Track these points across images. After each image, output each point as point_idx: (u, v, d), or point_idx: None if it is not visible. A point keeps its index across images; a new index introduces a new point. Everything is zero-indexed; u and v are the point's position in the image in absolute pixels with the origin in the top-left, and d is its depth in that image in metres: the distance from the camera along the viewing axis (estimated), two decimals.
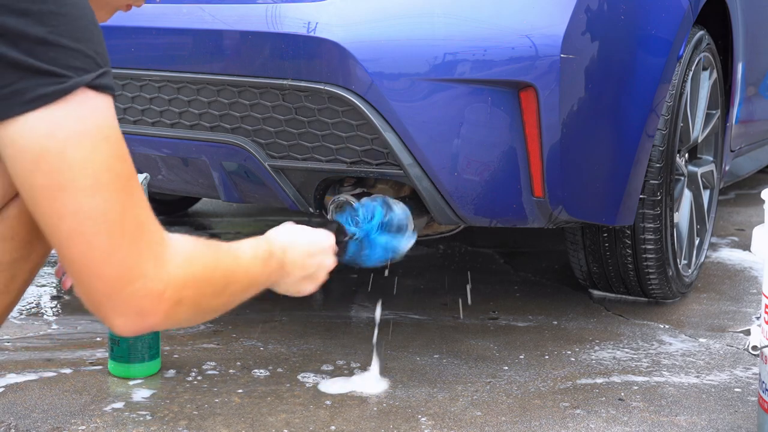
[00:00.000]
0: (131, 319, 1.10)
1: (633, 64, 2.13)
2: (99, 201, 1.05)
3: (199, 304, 1.17)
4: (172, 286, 1.11)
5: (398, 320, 2.38)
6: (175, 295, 1.11)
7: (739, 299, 2.62)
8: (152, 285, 1.09)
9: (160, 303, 1.10)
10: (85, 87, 1.04)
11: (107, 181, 1.05)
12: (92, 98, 1.05)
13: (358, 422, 1.77)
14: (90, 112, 1.04)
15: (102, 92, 1.06)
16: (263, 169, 2.00)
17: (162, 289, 1.10)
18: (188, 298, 1.14)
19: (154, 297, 1.09)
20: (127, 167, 1.08)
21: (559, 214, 2.01)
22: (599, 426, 1.78)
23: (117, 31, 2.05)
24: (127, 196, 1.07)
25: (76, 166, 1.03)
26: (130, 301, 1.08)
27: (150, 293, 1.09)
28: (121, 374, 1.96)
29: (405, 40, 1.88)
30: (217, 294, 1.20)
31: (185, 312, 1.15)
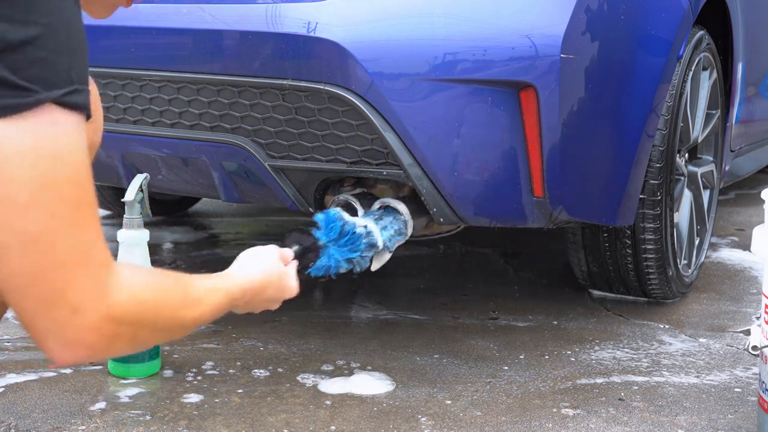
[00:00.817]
0: (63, 347, 1.03)
1: (633, 64, 2.13)
2: (33, 221, 0.98)
3: (137, 339, 1.10)
4: (110, 321, 1.04)
5: (398, 320, 2.38)
6: (111, 330, 1.05)
7: (739, 299, 2.62)
8: (89, 316, 1.02)
9: (96, 336, 1.03)
10: (52, 103, 0.99)
11: (47, 202, 0.99)
12: (55, 115, 0.99)
13: (358, 422, 1.77)
14: (47, 129, 0.99)
15: (69, 109, 1.01)
16: (263, 169, 2.00)
17: (98, 323, 1.03)
18: (125, 335, 1.07)
19: (90, 329, 1.03)
20: (78, 192, 1.02)
21: (559, 214, 2.01)
22: (599, 426, 1.78)
23: (117, 31, 2.05)
24: (69, 221, 1.00)
25: (15, 181, 0.97)
26: (60, 330, 1.02)
27: (86, 324, 1.02)
28: (121, 374, 1.96)
29: (405, 40, 1.88)
30: (157, 331, 1.15)
31: (120, 346, 1.09)
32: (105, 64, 2.08)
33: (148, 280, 1.13)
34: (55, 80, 1.00)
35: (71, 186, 1.01)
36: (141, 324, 1.09)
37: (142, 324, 1.10)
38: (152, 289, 1.12)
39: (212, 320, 1.28)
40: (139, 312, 1.08)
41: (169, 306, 1.15)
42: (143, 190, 1.95)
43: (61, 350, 1.04)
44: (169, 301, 1.15)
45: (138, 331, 1.09)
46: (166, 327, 1.16)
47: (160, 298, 1.13)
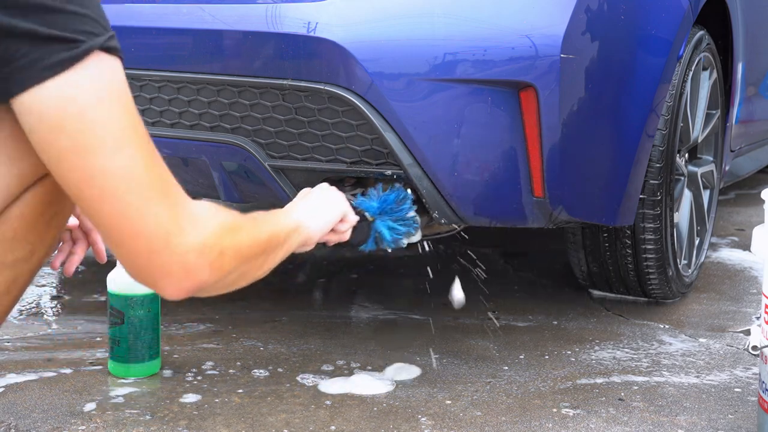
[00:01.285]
0: (179, 277, 1.10)
1: (633, 64, 2.13)
2: (125, 158, 1.06)
3: (242, 253, 1.17)
4: (210, 235, 1.11)
5: (398, 320, 2.38)
6: (216, 244, 1.12)
7: (739, 299, 2.62)
8: (191, 238, 1.09)
9: (203, 255, 1.11)
10: (98, 50, 1.05)
11: (129, 138, 1.07)
12: (105, 60, 1.06)
13: (358, 422, 1.77)
14: (105, 74, 1.06)
15: (113, 54, 1.08)
16: (263, 169, 2.00)
17: (202, 240, 1.10)
18: (229, 247, 1.14)
19: (197, 249, 1.10)
20: (143, 126, 1.10)
21: (559, 214, 2.01)
22: (599, 426, 1.78)
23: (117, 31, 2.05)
24: (149, 153, 1.09)
25: (98, 127, 1.05)
26: (173, 258, 1.09)
27: (192, 247, 1.09)
28: (121, 374, 1.96)
29: (405, 40, 1.88)
30: (255, 243, 1.22)
31: (230, 263, 1.15)
32: None
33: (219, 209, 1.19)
34: (94, 29, 1.06)
35: (139, 125, 1.09)
36: (236, 232, 1.17)
37: (238, 232, 1.17)
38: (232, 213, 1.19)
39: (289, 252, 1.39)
40: (228, 221, 1.16)
41: (251, 218, 1.24)
42: None
43: (180, 280, 1.10)
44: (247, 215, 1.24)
45: (237, 241, 1.17)
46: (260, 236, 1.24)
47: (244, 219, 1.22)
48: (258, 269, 1.26)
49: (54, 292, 2.57)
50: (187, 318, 2.34)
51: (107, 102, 1.06)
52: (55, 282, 2.65)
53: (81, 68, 1.04)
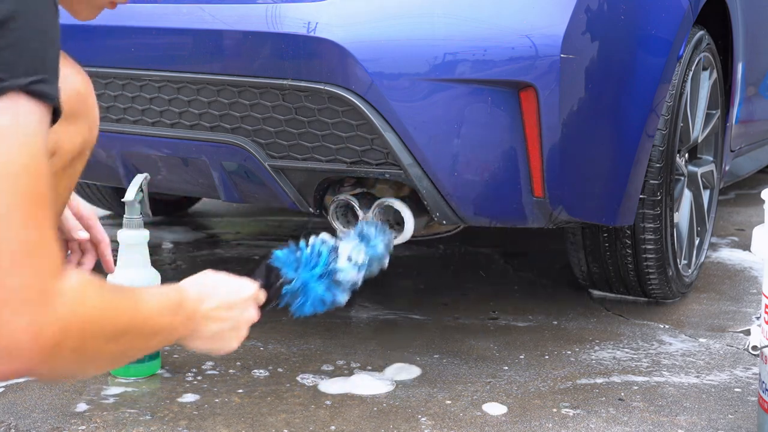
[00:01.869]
0: None
1: (633, 64, 2.13)
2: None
3: (85, 350, 1.01)
4: (51, 326, 0.95)
5: (398, 320, 2.38)
6: (52, 338, 0.96)
7: (739, 299, 2.62)
8: (26, 320, 0.94)
9: (33, 343, 0.94)
10: (17, 90, 0.96)
11: (5, 188, 0.93)
12: (20, 103, 0.96)
13: (358, 422, 1.77)
14: (9, 116, 0.95)
15: (35, 99, 0.97)
16: (263, 169, 2.00)
17: (38, 328, 0.94)
18: (69, 345, 0.98)
19: (27, 334, 0.94)
20: (32, 184, 0.95)
21: (559, 214, 2.01)
22: (599, 426, 1.78)
23: (117, 31, 2.05)
24: (20, 214, 0.94)
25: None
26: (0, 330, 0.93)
27: (21, 328, 0.93)
28: (121, 374, 1.96)
29: (405, 40, 1.88)
30: (107, 341, 1.05)
31: (67, 358, 0.99)
32: (105, 64, 2.08)
33: (94, 282, 1.04)
34: (22, 68, 0.96)
35: (28, 178, 0.95)
36: (88, 329, 1.01)
37: (89, 329, 1.01)
38: (98, 291, 1.04)
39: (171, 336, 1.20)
40: (85, 315, 1.00)
41: (118, 310, 1.08)
42: (143, 190, 1.95)
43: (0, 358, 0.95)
44: (118, 304, 1.08)
45: (84, 338, 1.01)
46: (116, 334, 1.07)
47: (107, 299, 1.06)
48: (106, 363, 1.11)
49: None
50: None
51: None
52: None
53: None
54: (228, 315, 1.32)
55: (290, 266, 1.53)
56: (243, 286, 1.37)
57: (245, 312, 1.37)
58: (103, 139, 2.02)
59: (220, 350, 1.35)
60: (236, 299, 1.34)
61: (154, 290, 1.20)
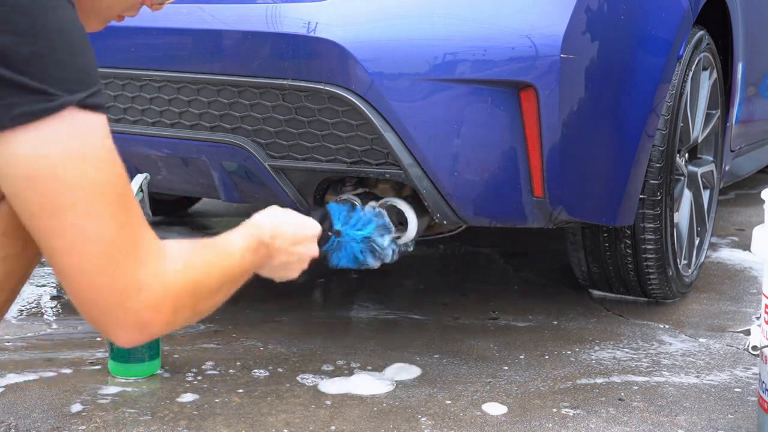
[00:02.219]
0: (131, 331, 1.11)
1: (633, 64, 2.13)
2: (93, 221, 1.05)
3: (196, 307, 1.18)
4: (170, 296, 1.12)
5: (398, 320, 2.38)
6: (173, 304, 1.13)
7: (739, 299, 2.62)
8: (150, 297, 1.10)
9: (159, 313, 1.11)
10: (75, 106, 1.03)
11: (100, 200, 1.06)
12: (83, 117, 1.04)
13: (358, 422, 1.77)
14: (80, 132, 1.04)
15: (92, 111, 1.05)
16: (263, 169, 2.00)
17: (160, 301, 1.11)
18: (186, 305, 1.15)
19: (153, 308, 1.11)
20: (120, 184, 1.09)
21: (559, 214, 2.01)
22: (599, 426, 1.78)
23: (117, 31, 2.05)
24: (120, 214, 1.08)
25: (68, 187, 1.03)
26: (128, 315, 1.09)
27: (148, 305, 1.10)
28: (121, 374, 1.96)
29: (405, 40, 1.88)
30: (212, 294, 1.22)
31: (183, 317, 1.16)
32: (105, 64, 2.08)
33: (190, 247, 1.19)
34: (75, 85, 1.04)
35: (114, 180, 1.08)
36: (197, 290, 1.16)
37: (198, 290, 1.17)
38: (196, 255, 1.19)
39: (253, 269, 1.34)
40: (193, 280, 1.16)
41: (216, 266, 1.22)
42: (143, 190, 1.95)
43: (133, 333, 1.11)
44: (215, 260, 1.22)
45: (195, 298, 1.17)
46: (219, 286, 1.22)
47: (205, 260, 1.20)
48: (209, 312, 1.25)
49: (54, 292, 2.57)
50: None
51: (79, 162, 1.03)
52: (55, 282, 2.65)
53: (53, 123, 1.02)
54: (295, 250, 1.46)
55: (342, 219, 1.77)
56: (309, 224, 1.52)
57: (309, 247, 1.51)
58: None
59: (283, 277, 1.50)
60: (303, 236, 1.48)
61: (238, 235, 1.32)
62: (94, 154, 1.05)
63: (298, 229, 1.48)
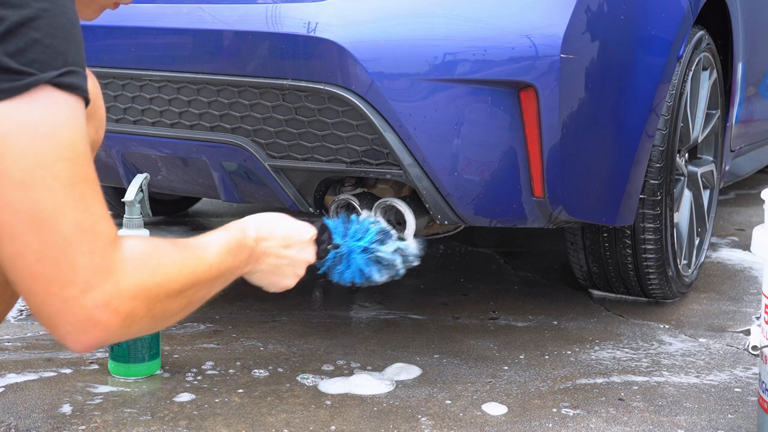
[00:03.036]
0: (76, 328, 1.02)
1: (633, 64, 2.13)
2: (30, 198, 0.99)
3: (155, 312, 1.09)
4: (121, 296, 1.03)
5: (398, 320, 2.38)
6: (124, 306, 1.04)
7: (739, 299, 2.62)
8: (95, 294, 1.01)
9: (107, 315, 1.02)
10: (47, 84, 1.01)
11: (40, 178, 0.99)
12: (51, 95, 1.01)
13: (358, 422, 1.77)
14: (41, 108, 1.00)
15: (65, 91, 1.02)
16: (263, 169, 2.00)
17: (107, 300, 1.02)
18: (141, 308, 1.06)
19: (99, 307, 1.02)
20: (76, 169, 1.02)
21: (559, 214, 2.01)
22: (599, 426, 1.78)
23: (117, 31, 2.05)
24: (65, 198, 1.00)
25: (9, 158, 0.98)
26: (71, 308, 1.01)
27: (93, 303, 1.01)
28: (121, 374, 1.96)
29: (405, 40, 1.88)
30: (175, 298, 1.12)
31: (140, 322, 1.07)
32: (105, 64, 2.08)
33: (153, 246, 1.11)
34: (51, 62, 1.01)
35: (68, 164, 1.01)
36: (155, 293, 1.08)
37: (156, 293, 1.08)
38: (159, 254, 1.10)
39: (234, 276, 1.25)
40: (151, 281, 1.07)
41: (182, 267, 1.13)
42: (143, 190, 1.95)
43: (75, 334, 1.03)
44: (182, 262, 1.13)
45: (153, 301, 1.07)
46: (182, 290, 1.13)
47: (169, 261, 1.11)
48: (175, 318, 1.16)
49: None
50: (187, 318, 2.34)
51: (27, 136, 0.99)
52: None
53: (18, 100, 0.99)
54: (286, 253, 1.38)
55: (339, 233, 1.63)
56: (302, 227, 1.43)
57: (303, 251, 1.43)
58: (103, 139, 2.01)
59: (277, 285, 1.41)
60: (294, 238, 1.40)
61: (215, 236, 1.25)
62: (48, 131, 1.00)
63: (289, 232, 1.40)
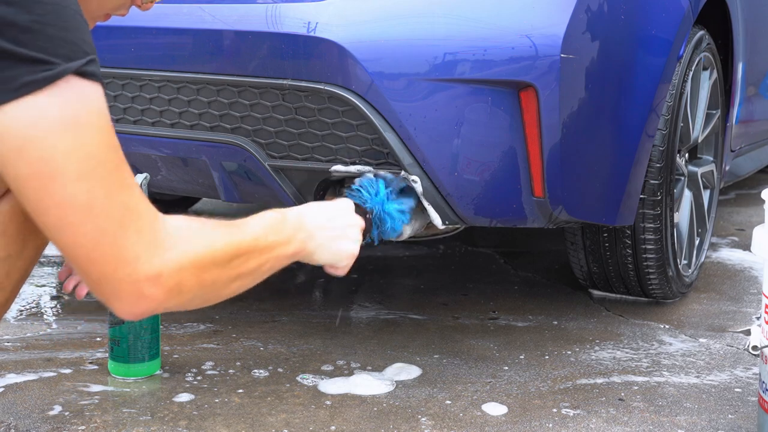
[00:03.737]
0: (128, 302, 1.10)
1: (633, 64, 2.13)
2: (83, 189, 1.04)
3: (204, 282, 1.16)
4: (168, 269, 1.10)
5: (398, 320, 2.38)
6: (172, 277, 1.11)
7: (739, 299, 2.62)
8: (145, 269, 1.08)
9: (156, 287, 1.10)
10: (73, 74, 1.03)
11: (91, 169, 1.05)
12: (79, 85, 1.04)
13: (358, 422, 1.77)
14: (76, 99, 1.04)
15: (89, 79, 1.05)
16: (263, 169, 2.00)
17: (156, 273, 1.09)
18: (188, 279, 1.13)
19: (149, 281, 1.09)
20: (113, 155, 1.08)
21: (559, 214, 2.01)
22: (599, 426, 1.78)
23: (117, 31, 2.05)
24: (112, 184, 1.07)
25: (59, 154, 1.03)
26: (124, 286, 1.08)
27: (143, 277, 1.09)
28: (121, 374, 1.96)
29: (405, 40, 1.88)
30: (222, 268, 1.18)
31: (189, 292, 1.14)
32: (105, 64, 2.07)
33: (194, 222, 1.18)
34: (72, 53, 1.03)
35: (107, 150, 1.07)
36: (200, 263, 1.14)
37: (202, 263, 1.14)
38: (200, 229, 1.17)
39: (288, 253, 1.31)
40: (194, 252, 1.13)
41: (223, 239, 1.19)
42: (143, 190, 1.95)
43: (128, 306, 1.10)
44: (222, 234, 1.19)
45: (200, 272, 1.14)
46: (228, 260, 1.19)
47: (210, 233, 1.18)
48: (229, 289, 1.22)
49: (54, 292, 2.57)
50: (187, 318, 2.34)
51: (72, 129, 1.03)
52: (54, 282, 2.65)
53: (49, 92, 1.01)
54: (332, 224, 1.43)
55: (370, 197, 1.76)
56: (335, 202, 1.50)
57: (349, 217, 1.49)
58: None
59: (342, 254, 1.46)
60: (334, 211, 1.46)
61: (256, 216, 1.30)
62: (86, 122, 1.04)
63: (328, 207, 1.46)
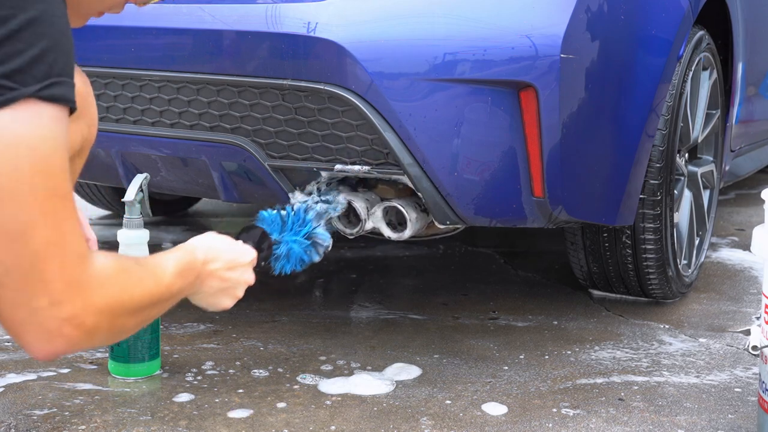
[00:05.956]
0: (39, 339, 1.04)
1: (633, 64, 2.13)
2: (4, 211, 0.99)
3: (115, 327, 1.12)
4: (88, 312, 1.05)
5: (398, 320, 2.38)
6: (90, 320, 1.06)
7: (739, 299, 2.62)
8: (64, 309, 1.03)
9: (73, 328, 1.05)
10: (30, 97, 1.00)
11: (19, 192, 1.00)
12: (34, 108, 1.00)
13: (358, 422, 1.77)
14: (25, 121, 1.00)
15: (49, 102, 1.01)
16: (263, 169, 2.00)
17: (75, 314, 1.04)
18: (104, 323, 1.08)
19: (66, 321, 1.04)
20: (51, 183, 1.02)
21: (559, 214, 2.01)
22: (599, 426, 1.78)
23: (117, 31, 2.05)
24: (40, 213, 1.01)
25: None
26: (36, 320, 1.02)
27: (61, 317, 1.03)
28: (121, 374, 1.96)
29: (405, 40, 1.88)
30: (133, 316, 1.15)
31: (101, 336, 1.10)
32: (105, 64, 2.08)
33: (119, 264, 1.13)
34: (35, 74, 1.00)
35: (43, 177, 1.01)
36: (117, 310, 1.10)
37: (118, 310, 1.11)
38: (124, 273, 1.13)
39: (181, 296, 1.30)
40: (115, 299, 1.09)
41: (142, 287, 1.16)
42: (143, 190, 1.95)
43: (39, 343, 1.05)
44: (142, 281, 1.16)
45: (114, 318, 1.10)
46: (141, 309, 1.16)
47: (133, 279, 1.14)
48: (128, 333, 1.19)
49: None
50: (187, 318, 2.34)
51: (13, 149, 0.98)
52: None
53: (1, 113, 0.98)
54: (229, 276, 1.44)
55: (277, 227, 1.72)
56: (245, 251, 1.50)
57: (244, 274, 1.49)
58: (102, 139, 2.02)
59: (215, 306, 1.46)
60: (238, 261, 1.46)
61: (169, 257, 1.28)
62: (25, 144, 1.00)
63: (234, 255, 1.45)
